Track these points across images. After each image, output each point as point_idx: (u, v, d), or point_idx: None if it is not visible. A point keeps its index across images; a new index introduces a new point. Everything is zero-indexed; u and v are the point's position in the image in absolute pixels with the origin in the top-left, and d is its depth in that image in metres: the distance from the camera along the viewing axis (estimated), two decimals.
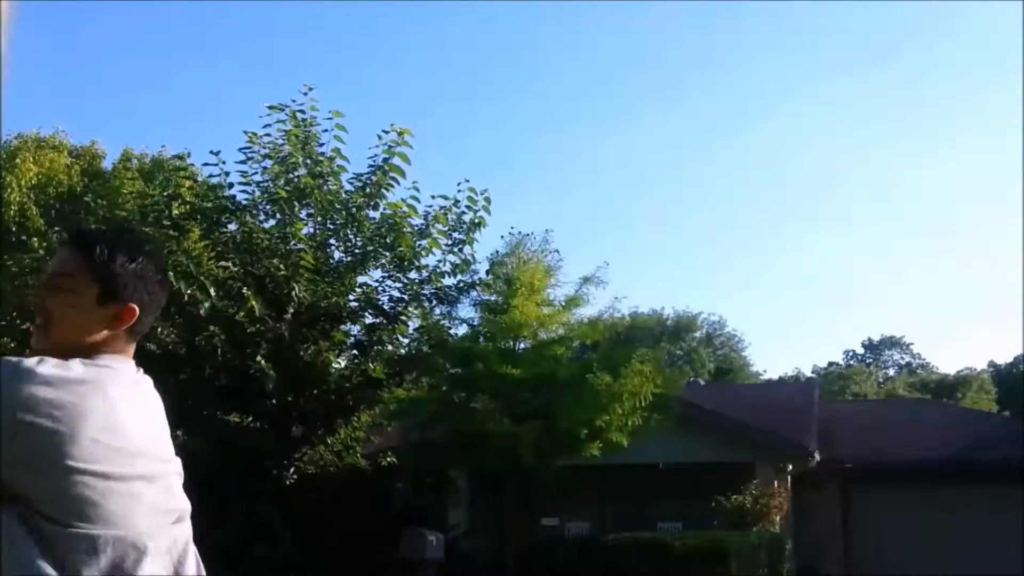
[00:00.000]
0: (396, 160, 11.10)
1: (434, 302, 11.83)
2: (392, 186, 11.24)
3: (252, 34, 57.66)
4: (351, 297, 11.46)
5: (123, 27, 49.79)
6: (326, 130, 11.10)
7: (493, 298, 12.49)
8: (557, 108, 64.96)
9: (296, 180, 10.89)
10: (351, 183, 11.32)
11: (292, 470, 11.75)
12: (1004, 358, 45.67)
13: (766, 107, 64.03)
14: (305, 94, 10.96)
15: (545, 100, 65.47)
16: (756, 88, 63.62)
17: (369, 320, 11.77)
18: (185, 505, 1.67)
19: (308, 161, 11.07)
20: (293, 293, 10.46)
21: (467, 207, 11.33)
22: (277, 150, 10.92)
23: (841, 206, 67.07)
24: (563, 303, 12.98)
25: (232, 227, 11.20)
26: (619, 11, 60.23)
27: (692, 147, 64.87)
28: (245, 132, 10.87)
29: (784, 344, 70.10)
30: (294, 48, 57.65)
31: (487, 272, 12.24)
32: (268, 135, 10.92)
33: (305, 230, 11.16)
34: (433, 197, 11.38)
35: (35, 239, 11.76)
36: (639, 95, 64.04)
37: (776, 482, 16.54)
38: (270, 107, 10.92)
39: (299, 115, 10.97)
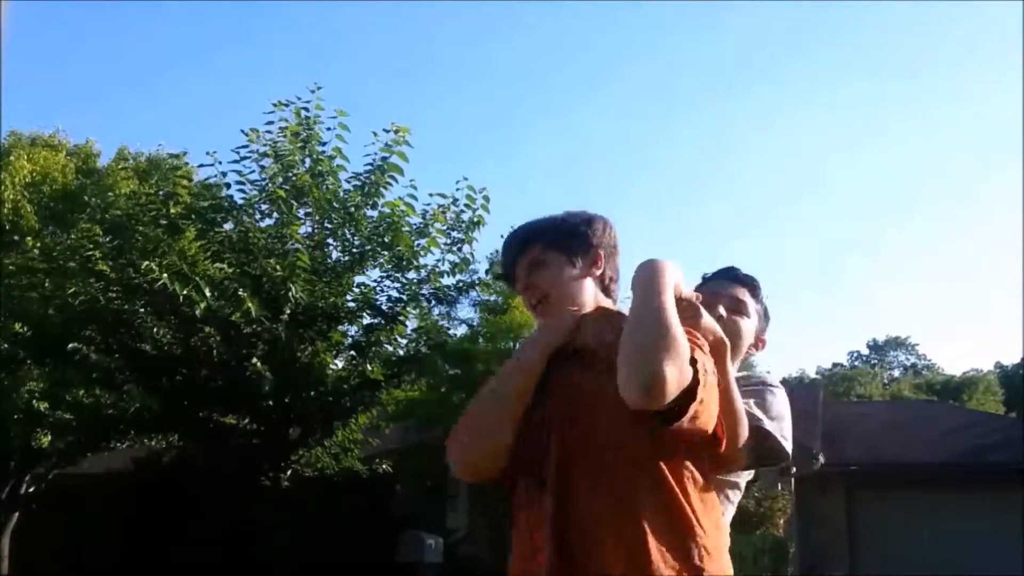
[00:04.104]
0: (395, 159, 10.95)
1: (433, 302, 11.67)
2: (391, 185, 11.09)
3: (252, 33, 57.64)
4: (348, 297, 11.31)
5: (124, 26, 49.78)
6: (329, 128, 10.95)
7: (493, 298, 12.34)
8: (557, 106, 64.87)
9: (294, 179, 10.74)
10: (348, 182, 11.18)
11: (289, 472, 11.61)
12: (1011, 359, 45.35)
13: (770, 106, 63.88)
14: (313, 92, 10.81)
15: (546, 98, 65.37)
16: (761, 88, 63.48)
17: (367, 321, 11.61)
18: None
19: (308, 160, 10.92)
20: (290, 294, 10.31)
21: (466, 205, 11.16)
22: (276, 148, 10.77)
23: (846, 205, 66.89)
24: None
25: (228, 227, 11.05)
26: (622, 9, 60.10)
27: (693, 146, 64.77)
28: (243, 131, 10.72)
29: (788, 345, 69.87)
30: (292, 47, 57.61)
31: (487, 272, 12.07)
32: (269, 132, 10.78)
33: (303, 229, 11.02)
34: (431, 195, 11.23)
35: (28, 238, 11.62)
36: (639, 94, 63.91)
37: (780, 485, 16.36)
38: (275, 104, 10.77)
39: (303, 113, 10.82)
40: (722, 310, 2.35)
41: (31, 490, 14.91)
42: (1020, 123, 51.70)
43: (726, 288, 2.45)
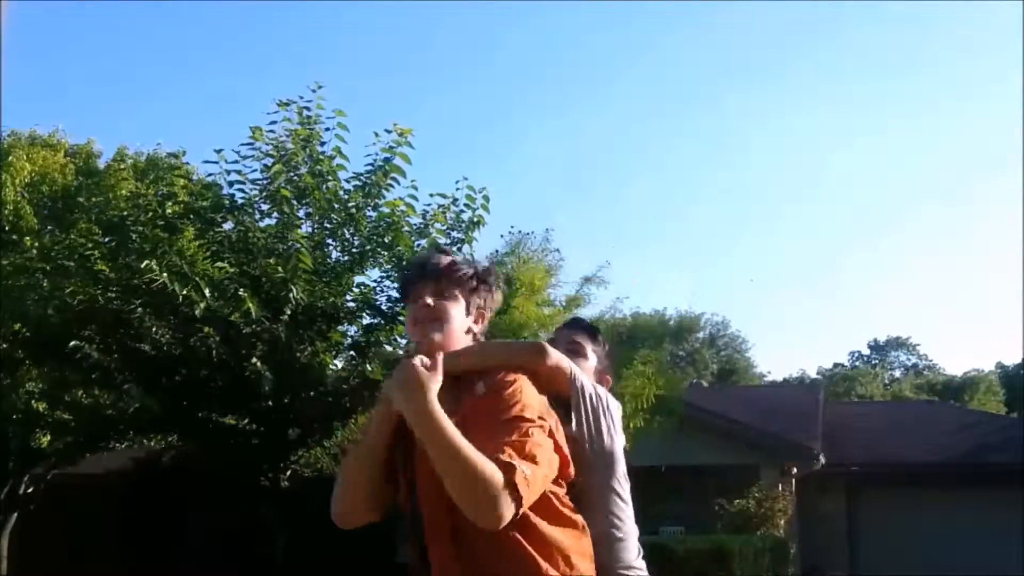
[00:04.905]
0: (397, 160, 10.91)
1: None
2: (392, 187, 11.06)
3: (251, 32, 57.64)
4: (348, 297, 11.27)
5: (124, 26, 49.76)
6: (328, 128, 10.91)
7: None
8: (556, 107, 64.84)
9: (297, 179, 10.71)
10: (349, 182, 11.14)
11: (288, 473, 11.58)
12: (1012, 359, 45.31)
13: (770, 106, 63.85)
14: (314, 91, 10.76)
15: (546, 98, 65.36)
16: (761, 88, 63.43)
17: (367, 321, 11.58)
18: None
19: (309, 160, 10.88)
20: (291, 295, 10.27)
21: (466, 205, 11.12)
22: (280, 147, 10.73)
23: (846, 205, 66.86)
24: (564, 303, 12.78)
25: (228, 226, 11.01)
26: (622, 9, 60.08)
27: (693, 146, 64.76)
28: (251, 128, 10.67)
29: (788, 345, 69.89)
30: (292, 47, 57.60)
31: None
32: (272, 131, 10.74)
33: (302, 228, 10.98)
34: (431, 196, 11.19)
35: (27, 238, 11.59)
36: (639, 94, 63.88)
37: (780, 485, 16.35)
38: (279, 103, 10.73)
39: (304, 112, 10.79)
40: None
41: (30, 490, 14.88)
42: (1020, 123, 51.73)
43: (569, 334, 2.89)
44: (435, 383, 1.94)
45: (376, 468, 2.12)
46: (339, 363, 11.71)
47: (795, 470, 16.91)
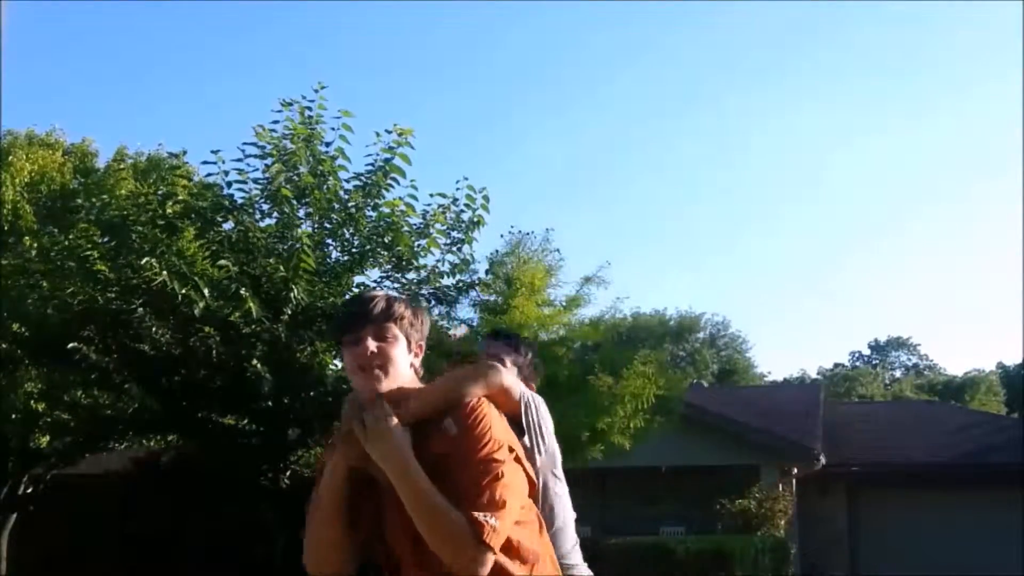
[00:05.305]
0: (397, 161, 10.89)
1: (432, 302, 11.61)
2: (392, 187, 11.04)
3: (251, 33, 57.64)
4: (348, 297, 11.26)
5: (126, 26, 49.78)
6: (332, 128, 10.89)
7: (492, 298, 12.27)
8: (556, 107, 64.81)
9: (297, 179, 10.70)
10: (349, 182, 11.13)
11: (288, 473, 11.57)
12: (1012, 359, 45.25)
13: (770, 106, 63.82)
14: (317, 91, 10.74)
15: (543, 97, 65.33)
16: (761, 88, 63.39)
17: None
18: None
19: (311, 159, 10.86)
20: (292, 295, 10.25)
21: (466, 205, 11.10)
22: (280, 148, 10.71)
23: (847, 205, 66.86)
24: (564, 303, 12.76)
25: (228, 226, 11.00)
26: (622, 9, 60.05)
27: (693, 146, 64.72)
28: (253, 128, 10.64)
29: (789, 345, 69.88)
30: (292, 46, 57.58)
31: (486, 272, 12.02)
32: (275, 131, 10.72)
33: (302, 227, 10.97)
34: (432, 196, 11.17)
35: (26, 238, 11.57)
36: (639, 94, 63.86)
37: (781, 485, 16.35)
38: (282, 103, 10.71)
39: (306, 112, 10.77)
40: None
41: (29, 491, 14.87)
42: (1020, 123, 51.73)
43: (489, 347, 3.17)
44: (408, 437, 2.00)
45: (339, 512, 2.13)
46: (339, 363, 11.69)
47: (795, 470, 16.91)
